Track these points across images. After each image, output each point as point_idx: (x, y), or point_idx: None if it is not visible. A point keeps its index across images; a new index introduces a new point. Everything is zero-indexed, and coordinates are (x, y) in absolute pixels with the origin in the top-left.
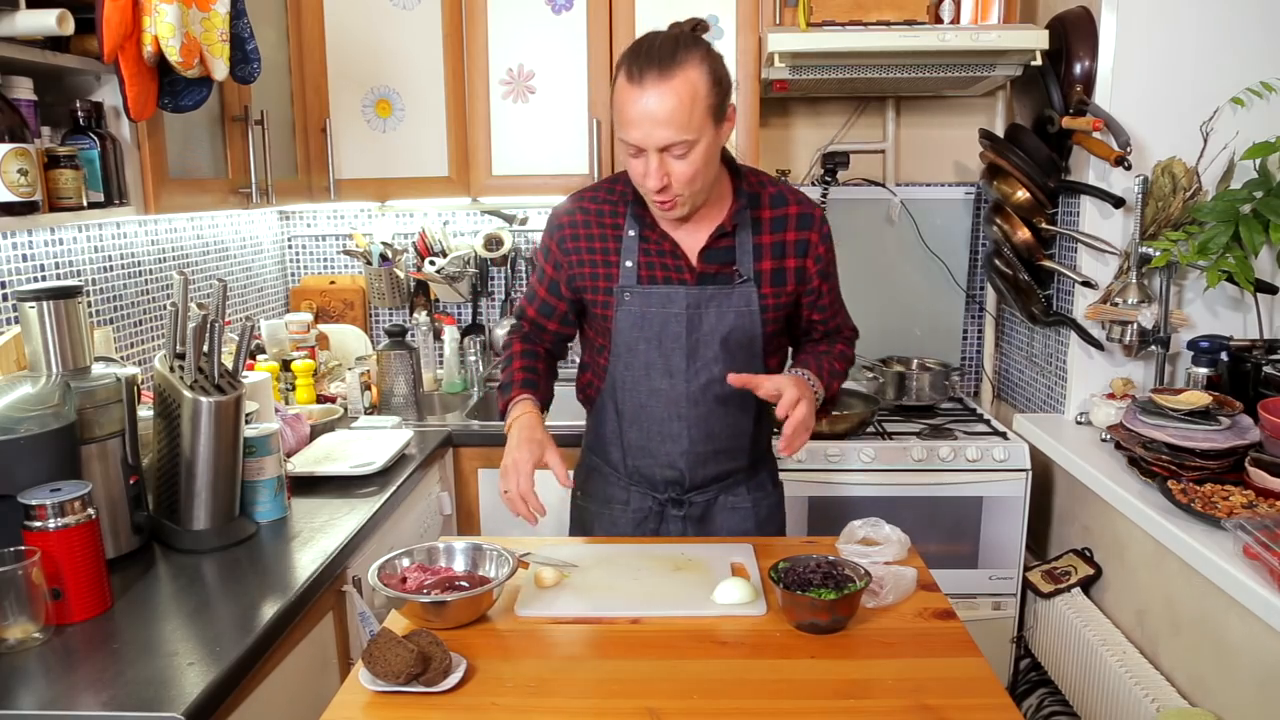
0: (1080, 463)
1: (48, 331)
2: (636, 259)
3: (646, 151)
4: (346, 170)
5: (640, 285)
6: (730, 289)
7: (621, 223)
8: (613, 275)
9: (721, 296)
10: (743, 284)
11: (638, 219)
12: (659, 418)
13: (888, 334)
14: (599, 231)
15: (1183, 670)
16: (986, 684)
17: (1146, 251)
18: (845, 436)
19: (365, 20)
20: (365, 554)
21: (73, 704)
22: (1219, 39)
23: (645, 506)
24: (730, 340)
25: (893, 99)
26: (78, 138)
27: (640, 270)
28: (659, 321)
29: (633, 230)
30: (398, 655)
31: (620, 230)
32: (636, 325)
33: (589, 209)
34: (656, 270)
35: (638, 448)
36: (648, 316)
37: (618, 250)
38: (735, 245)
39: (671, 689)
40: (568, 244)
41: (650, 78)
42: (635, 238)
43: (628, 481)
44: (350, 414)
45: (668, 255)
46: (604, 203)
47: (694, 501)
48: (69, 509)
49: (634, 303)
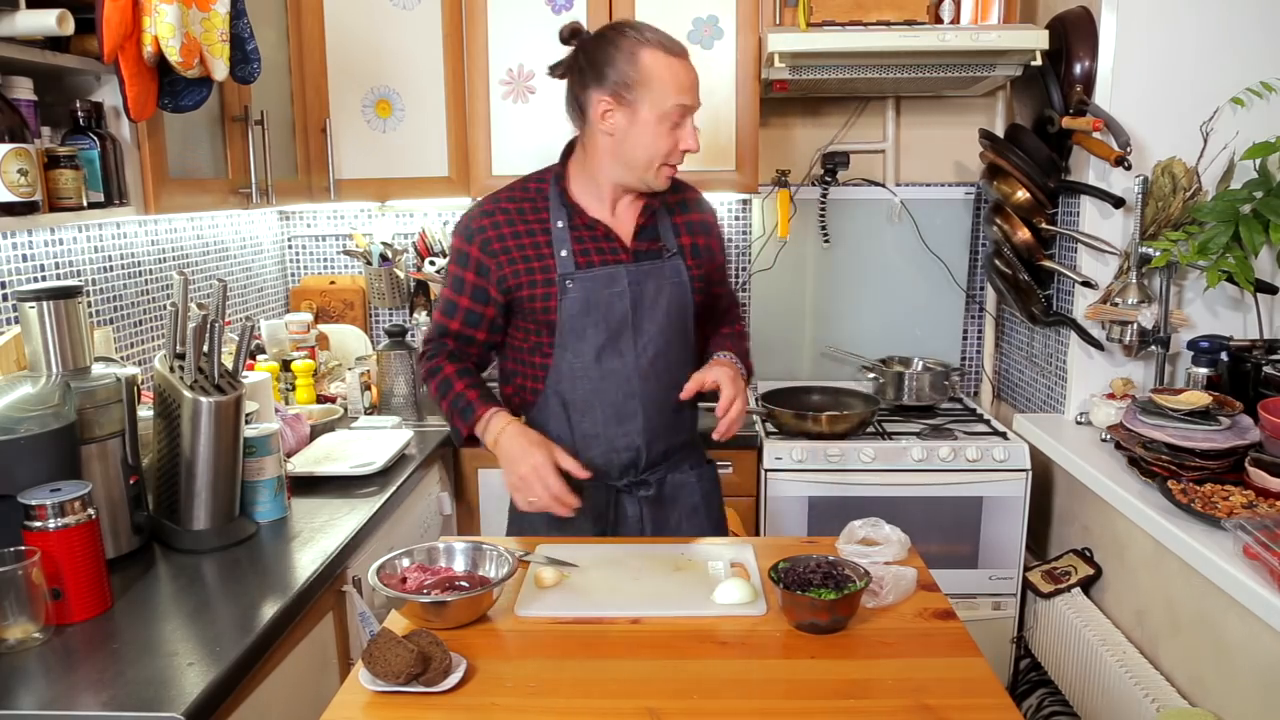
0: (1080, 463)
1: (48, 331)
2: (570, 247)
3: (690, 115)
4: (346, 170)
5: (580, 270)
6: (662, 263)
7: (545, 216)
8: (549, 267)
9: (656, 270)
10: (671, 258)
11: (563, 211)
12: (613, 400)
13: (888, 334)
14: (524, 228)
15: (1183, 670)
16: (986, 684)
17: (1146, 251)
18: (845, 436)
19: (365, 20)
20: (365, 554)
21: (73, 704)
22: (1219, 39)
23: (601, 500)
24: (670, 311)
25: (893, 99)
26: (78, 138)
27: (577, 257)
28: (604, 302)
29: (560, 221)
30: (398, 655)
31: (546, 223)
32: (583, 310)
33: (507, 208)
34: (593, 255)
35: (591, 437)
36: (593, 299)
37: (548, 243)
38: (658, 225)
39: (671, 689)
40: (492, 245)
41: (681, 50)
42: (565, 228)
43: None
44: (350, 414)
45: (601, 239)
46: (520, 201)
47: (649, 482)
48: (69, 509)
49: (576, 289)
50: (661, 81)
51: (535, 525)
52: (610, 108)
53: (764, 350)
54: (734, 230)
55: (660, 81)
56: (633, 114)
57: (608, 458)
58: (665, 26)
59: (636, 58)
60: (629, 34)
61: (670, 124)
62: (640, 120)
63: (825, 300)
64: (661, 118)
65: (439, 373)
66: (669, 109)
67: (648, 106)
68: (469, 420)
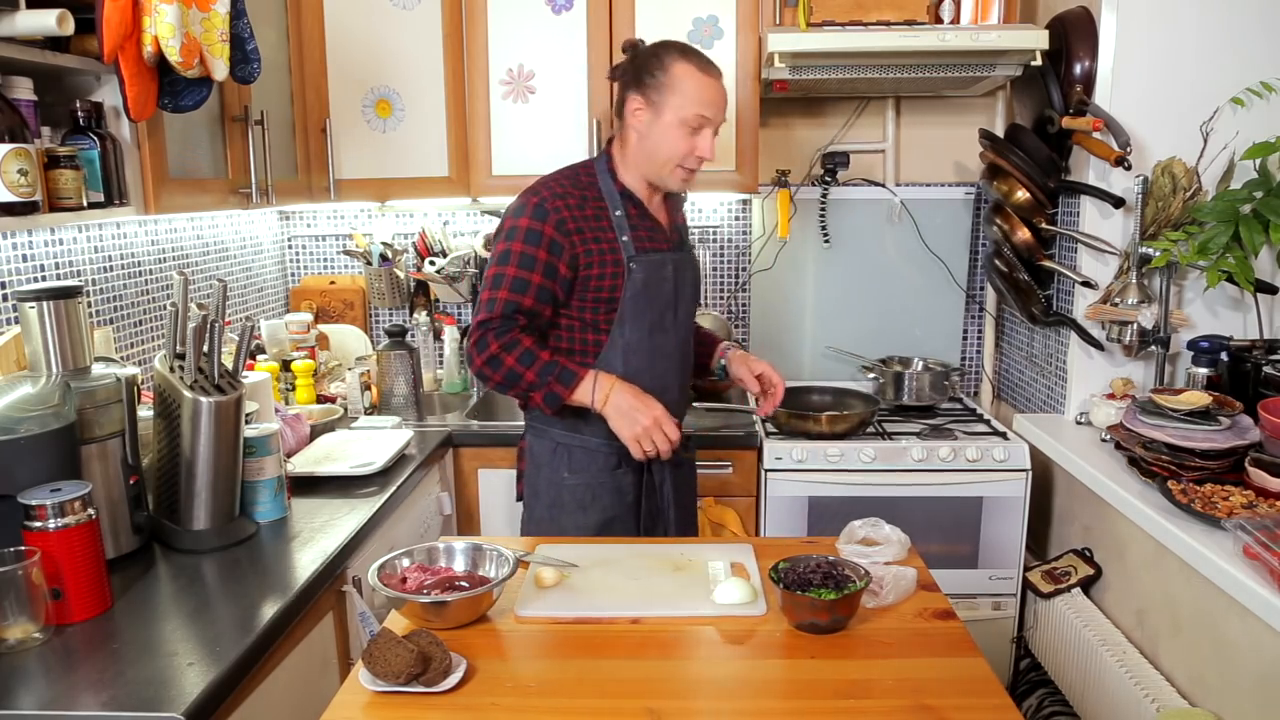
0: (1080, 463)
1: (48, 331)
2: (630, 233)
3: (708, 127)
4: (346, 170)
5: (640, 254)
6: (688, 254)
7: (604, 204)
8: (615, 248)
9: (688, 260)
10: (692, 250)
11: (619, 200)
12: (659, 371)
13: (888, 334)
14: (591, 212)
15: (1183, 670)
16: (986, 684)
17: (1146, 251)
18: (845, 436)
19: (365, 20)
20: (365, 554)
21: (73, 704)
22: (1219, 39)
23: (637, 464)
24: (694, 297)
25: (893, 99)
26: (78, 138)
27: (636, 243)
28: (656, 283)
29: (618, 210)
30: (398, 655)
31: (605, 210)
32: (644, 290)
33: (572, 193)
34: (646, 241)
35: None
36: (650, 281)
37: (611, 227)
38: (681, 222)
39: (671, 689)
40: (567, 225)
41: (715, 73)
42: (623, 215)
43: (619, 446)
44: (350, 414)
45: (652, 229)
46: (584, 189)
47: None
48: (69, 509)
49: (640, 270)
50: (687, 91)
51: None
52: (640, 107)
53: (764, 350)
54: (734, 230)
55: (686, 91)
56: (657, 115)
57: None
58: (665, 26)
59: (671, 68)
60: (672, 49)
61: (689, 130)
62: (663, 122)
63: (825, 300)
64: (682, 123)
65: (517, 345)
66: (689, 116)
67: (671, 110)
68: (570, 384)
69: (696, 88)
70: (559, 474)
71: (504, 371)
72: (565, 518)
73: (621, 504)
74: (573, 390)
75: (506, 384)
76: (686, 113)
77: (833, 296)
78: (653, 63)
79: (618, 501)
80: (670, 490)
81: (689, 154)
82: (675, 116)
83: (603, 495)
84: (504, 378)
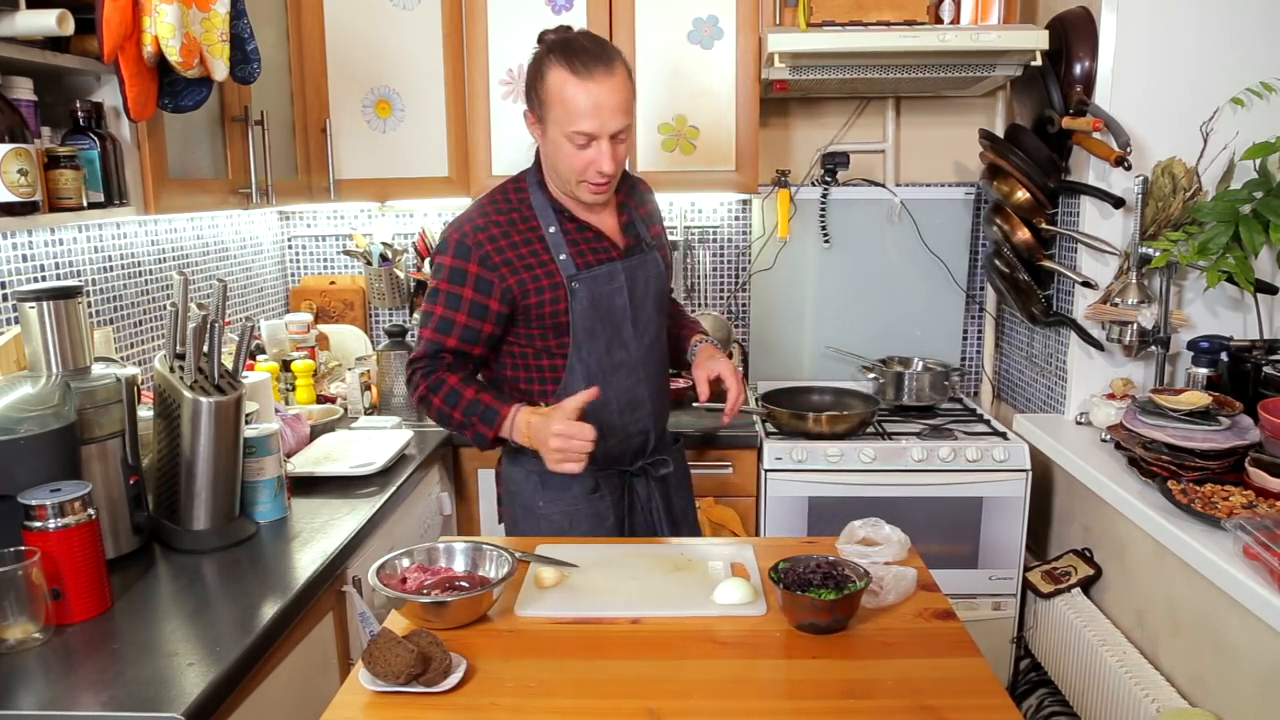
0: (1080, 463)
1: (48, 331)
2: (567, 250)
3: (599, 139)
4: (346, 170)
5: (581, 271)
6: (645, 256)
7: (535, 224)
8: (552, 271)
9: (642, 264)
10: (650, 251)
11: (550, 216)
12: (625, 387)
13: (888, 334)
14: (519, 237)
15: (1183, 670)
16: (986, 684)
17: (1146, 252)
18: (845, 436)
19: (365, 20)
20: (365, 554)
21: (73, 704)
22: (1219, 39)
23: (616, 486)
24: (657, 300)
25: (893, 99)
26: (78, 138)
27: (575, 259)
28: (607, 298)
29: (552, 227)
30: (398, 655)
31: (538, 229)
32: (591, 308)
33: (499, 220)
34: (589, 255)
35: (607, 428)
36: (597, 297)
37: (545, 248)
38: (634, 221)
39: (671, 689)
40: (492, 259)
41: (598, 72)
42: (558, 232)
43: (594, 470)
44: (350, 414)
45: (593, 240)
46: (510, 211)
47: (666, 461)
48: (69, 509)
49: (583, 289)
50: (563, 105)
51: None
52: (532, 122)
53: (764, 350)
54: (734, 230)
55: (562, 105)
56: (544, 130)
57: (622, 445)
58: (665, 26)
59: (548, 76)
60: (553, 53)
61: (576, 145)
62: (550, 138)
63: (825, 300)
64: (567, 138)
65: (443, 386)
66: (569, 132)
67: (553, 125)
68: (493, 424)
69: (574, 98)
70: (534, 502)
71: (434, 411)
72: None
73: (601, 529)
74: (496, 429)
75: (440, 422)
76: (567, 129)
77: (832, 296)
78: (534, 70)
79: (597, 528)
80: (660, 504)
81: (586, 168)
82: (560, 132)
83: (580, 523)
84: (436, 416)
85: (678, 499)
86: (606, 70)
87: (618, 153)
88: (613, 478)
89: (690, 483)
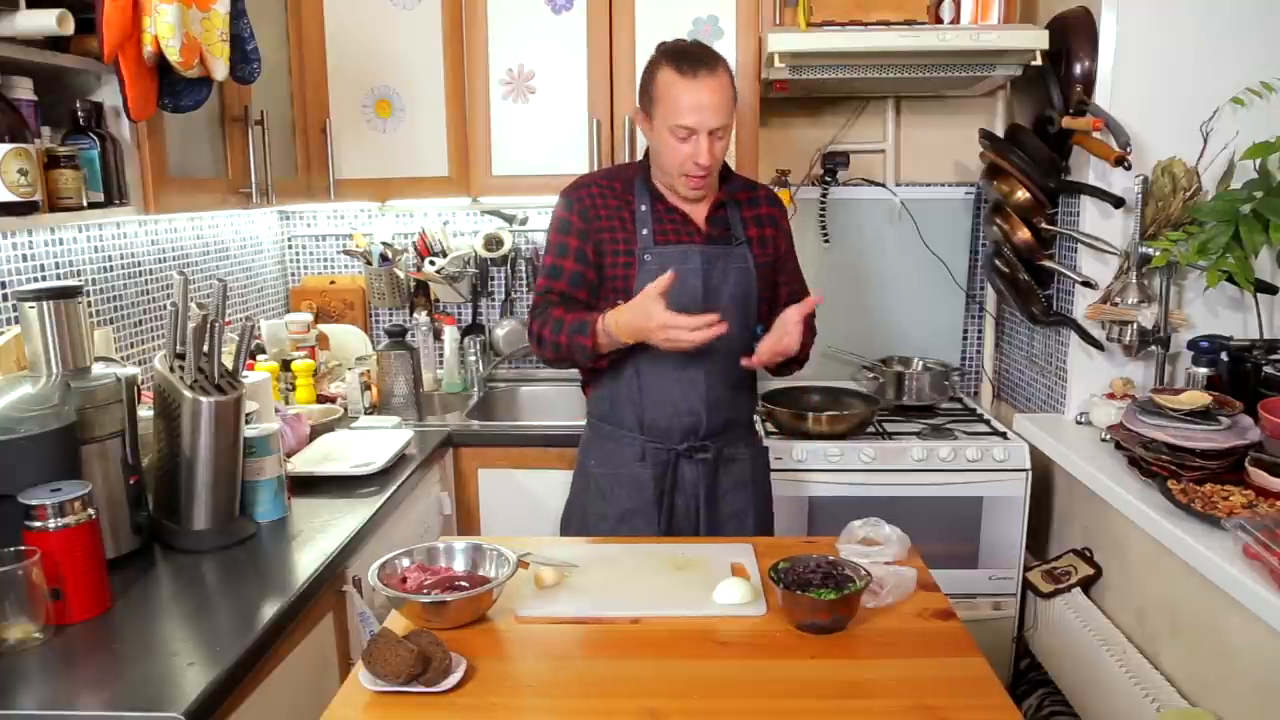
0: (1080, 463)
1: (48, 331)
2: (651, 226)
3: (698, 134)
4: (346, 170)
5: (658, 245)
6: (731, 249)
7: (631, 199)
8: (631, 240)
9: (725, 255)
10: (739, 245)
11: (645, 196)
12: (680, 361)
13: (888, 334)
14: (615, 204)
15: (1183, 670)
16: (986, 684)
17: (1146, 251)
18: (845, 436)
19: (365, 20)
20: (365, 554)
21: (73, 704)
22: (1219, 39)
23: (661, 460)
24: (735, 294)
25: (893, 99)
26: (78, 138)
27: (655, 235)
28: (679, 277)
29: (644, 205)
30: (398, 655)
31: (631, 204)
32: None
33: (600, 185)
34: (670, 234)
35: (656, 402)
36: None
37: (633, 220)
38: (728, 216)
39: (671, 689)
40: (590, 213)
41: (702, 73)
42: (647, 211)
43: (644, 439)
44: (350, 414)
45: (679, 222)
46: (611, 182)
47: (708, 447)
48: (69, 509)
49: (654, 262)
50: (669, 101)
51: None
52: (642, 119)
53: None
54: None
55: (667, 100)
56: (652, 125)
57: (671, 421)
58: (665, 26)
59: (658, 75)
60: (663, 55)
61: (678, 139)
62: (655, 132)
63: (825, 300)
64: (670, 131)
65: (549, 319)
66: (673, 126)
67: (660, 120)
68: (588, 332)
69: (678, 96)
70: (588, 462)
71: (548, 347)
72: (590, 505)
73: (640, 497)
74: (592, 338)
75: (555, 356)
76: (671, 123)
77: (832, 296)
78: (647, 71)
79: (635, 494)
80: (704, 492)
81: (686, 161)
82: (664, 126)
83: (622, 486)
84: (551, 351)
85: (735, 498)
86: (709, 72)
87: (715, 149)
88: (660, 453)
89: (759, 487)
